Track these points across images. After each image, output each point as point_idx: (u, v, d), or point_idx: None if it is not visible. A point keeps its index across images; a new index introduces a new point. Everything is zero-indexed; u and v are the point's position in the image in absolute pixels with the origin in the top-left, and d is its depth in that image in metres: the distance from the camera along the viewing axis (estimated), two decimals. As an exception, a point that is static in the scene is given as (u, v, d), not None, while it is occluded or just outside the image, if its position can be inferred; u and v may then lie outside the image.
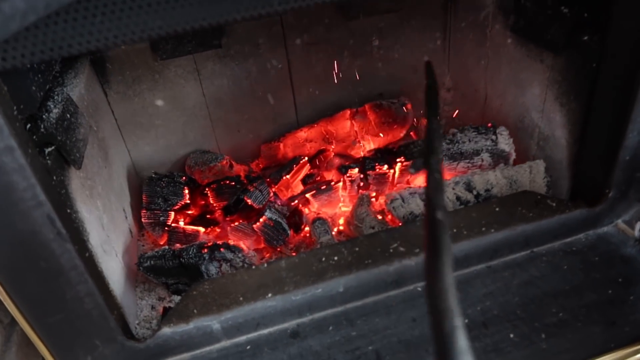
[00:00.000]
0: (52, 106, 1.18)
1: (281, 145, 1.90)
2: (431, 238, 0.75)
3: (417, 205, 1.45)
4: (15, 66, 0.78)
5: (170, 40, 1.66)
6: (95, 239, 1.22)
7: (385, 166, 1.60)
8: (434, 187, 0.88)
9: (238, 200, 1.54)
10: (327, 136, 1.90)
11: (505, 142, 1.63)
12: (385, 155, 1.71)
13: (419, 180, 1.69)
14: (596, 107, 1.31)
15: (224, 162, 1.82)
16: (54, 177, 1.06)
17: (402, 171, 1.65)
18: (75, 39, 0.78)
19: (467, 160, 1.61)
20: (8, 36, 0.74)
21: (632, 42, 1.14)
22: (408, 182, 1.66)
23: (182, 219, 1.65)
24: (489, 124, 1.77)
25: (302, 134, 1.90)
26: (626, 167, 1.28)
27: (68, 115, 1.21)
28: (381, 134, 1.90)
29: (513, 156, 1.66)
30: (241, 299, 1.21)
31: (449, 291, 0.66)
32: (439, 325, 0.61)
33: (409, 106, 1.95)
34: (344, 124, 1.92)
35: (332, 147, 1.88)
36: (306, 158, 1.75)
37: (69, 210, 1.09)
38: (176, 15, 0.81)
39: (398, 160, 1.64)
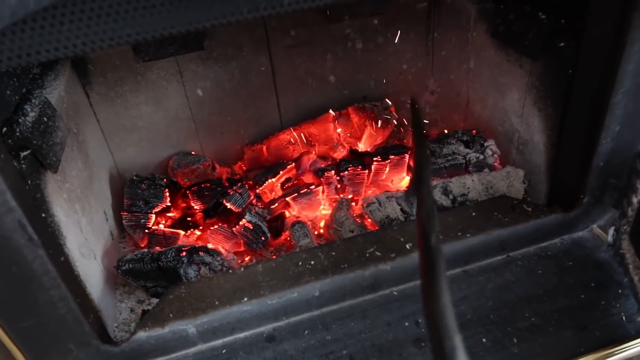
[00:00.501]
0: (28, 109, 1.18)
1: (264, 147, 1.90)
2: (427, 263, 0.79)
3: (393, 210, 1.46)
4: (-17, 73, 0.79)
5: (152, 43, 1.66)
6: (73, 242, 1.22)
7: (360, 167, 1.61)
8: (426, 214, 0.92)
9: (217, 204, 1.54)
10: (310, 139, 1.91)
11: (491, 156, 1.63)
12: (361, 156, 1.72)
13: (397, 181, 1.71)
14: (571, 113, 1.33)
15: (207, 164, 1.82)
16: (29, 182, 1.06)
17: (377, 172, 1.66)
18: (42, 46, 0.78)
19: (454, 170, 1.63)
20: (-26, 43, 0.75)
21: (604, 49, 1.16)
22: (384, 181, 1.67)
23: (163, 222, 1.65)
24: (474, 131, 1.78)
25: (285, 136, 1.90)
26: (600, 173, 1.30)
27: (45, 119, 1.21)
28: (364, 137, 1.92)
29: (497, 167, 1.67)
30: (217, 303, 1.21)
31: (447, 313, 0.69)
32: (439, 346, 0.64)
33: (392, 109, 1.96)
34: (327, 127, 1.93)
35: (315, 149, 1.88)
36: (293, 163, 1.76)
37: (43, 215, 1.09)
38: (145, 23, 0.81)
39: (373, 160, 1.65)
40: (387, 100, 2.00)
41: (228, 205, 1.54)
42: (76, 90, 1.62)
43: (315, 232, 1.60)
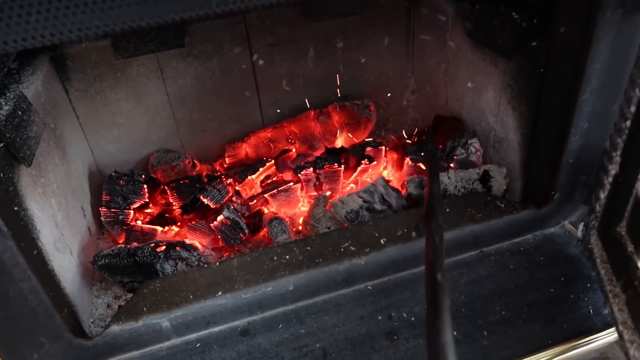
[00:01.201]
0: (2, 103, 1.18)
1: (245, 145, 1.91)
2: (432, 299, 0.82)
3: (354, 202, 1.48)
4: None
5: (131, 39, 1.66)
6: (47, 236, 1.22)
7: (336, 164, 1.62)
8: (434, 251, 0.94)
9: (195, 200, 1.54)
10: (290, 137, 1.92)
11: (474, 153, 1.65)
12: (337, 152, 1.74)
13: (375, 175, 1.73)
14: (543, 111, 1.35)
15: (187, 161, 1.83)
16: (1, 175, 1.06)
17: (351, 168, 1.68)
18: (9, 37, 0.79)
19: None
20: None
21: (573, 48, 1.18)
22: (362, 173, 1.69)
23: (142, 218, 1.65)
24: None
25: (266, 134, 1.91)
26: (570, 170, 1.32)
27: (20, 113, 1.21)
28: (343, 135, 1.93)
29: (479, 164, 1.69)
30: (191, 297, 1.22)
31: (449, 348, 0.73)
32: None
33: (372, 108, 1.98)
34: (308, 125, 1.94)
35: (295, 147, 1.89)
36: (273, 160, 1.77)
37: (15, 208, 1.09)
38: (113, 15, 0.82)
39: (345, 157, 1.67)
40: (367, 99, 2.02)
41: (205, 201, 1.54)
42: (55, 86, 1.61)
43: (294, 229, 1.61)
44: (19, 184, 1.14)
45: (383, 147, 1.69)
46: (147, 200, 1.63)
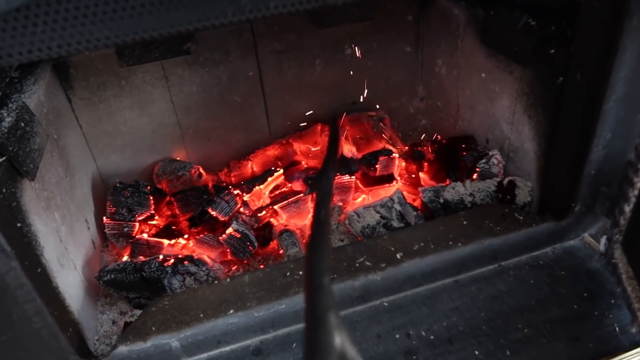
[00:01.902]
0: (4, 114, 1.14)
1: (250, 163, 1.86)
2: (314, 237, 0.76)
3: (371, 217, 1.43)
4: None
5: (136, 46, 1.62)
6: (51, 252, 1.17)
7: (347, 175, 1.58)
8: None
9: (203, 212, 1.50)
10: (297, 154, 1.87)
11: (496, 165, 1.61)
12: (349, 163, 1.69)
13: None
14: (562, 120, 1.31)
15: (193, 171, 1.78)
16: (3, 190, 1.02)
17: (363, 179, 1.64)
18: (15, 49, 0.74)
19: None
20: (-60, 45, 0.70)
21: (596, 56, 1.14)
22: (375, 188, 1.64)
23: (147, 230, 1.60)
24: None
25: (273, 152, 1.86)
26: (592, 181, 1.28)
27: (22, 124, 1.17)
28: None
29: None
30: (202, 315, 1.17)
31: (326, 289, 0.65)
32: None
33: (387, 121, 1.93)
34: (316, 140, 1.89)
35: (304, 161, 1.84)
36: (281, 170, 1.72)
37: (19, 224, 1.04)
38: (124, 26, 0.78)
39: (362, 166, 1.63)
40: (381, 110, 1.97)
41: (214, 213, 1.49)
42: (57, 95, 1.57)
43: (304, 241, 1.57)
44: (22, 199, 1.10)
45: (396, 156, 1.65)
46: (153, 212, 1.58)
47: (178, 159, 1.89)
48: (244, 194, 1.61)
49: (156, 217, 1.62)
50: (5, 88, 1.26)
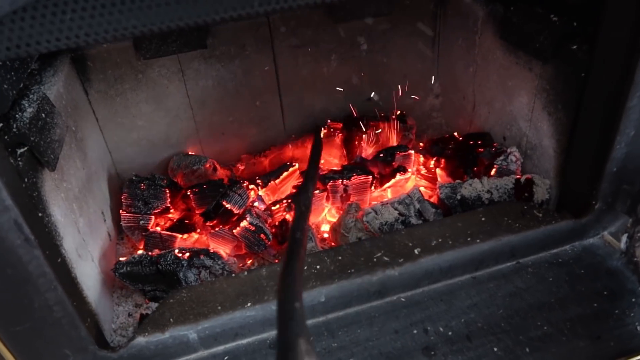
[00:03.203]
0: (26, 105, 1.14)
1: (264, 160, 1.85)
2: (289, 255, 0.75)
3: (389, 214, 1.42)
4: (-20, 63, 0.74)
5: (154, 40, 1.62)
6: (70, 243, 1.18)
7: (364, 176, 1.57)
8: (299, 214, 0.88)
9: (217, 205, 1.49)
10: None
11: (514, 162, 1.59)
12: (365, 162, 1.68)
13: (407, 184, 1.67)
14: (583, 117, 1.30)
15: (208, 165, 1.78)
16: (26, 180, 1.02)
17: (380, 179, 1.63)
18: (43, 37, 0.74)
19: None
20: (-29, 32, 0.71)
21: (620, 53, 1.13)
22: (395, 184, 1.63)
23: (162, 224, 1.61)
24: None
25: (288, 153, 1.85)
26: (613, 179, 1.27)
27: (43, 115, 1.17)
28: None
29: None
30: (219, 308, 1.17)
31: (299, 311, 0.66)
32: None
33: (415, 130, 1.91)
34: (333, 142, 1.88)
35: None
36: (296, 165, 1.71)
37: (40, 214, 1.05)
38: (152, 15, 0.77)
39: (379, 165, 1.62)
40: (410, 118, 1.95)
41: (228, 206, 1.49)
42: (75, 87, 1.58)
43: (319, 237, 1.56)
44: (43, 189, 1.10)
45: (412, 152, 1.64)
46: (169, 205, 1.58)
47: (192, 153, 1.89)
48: (259, 189, 1.61)
49: (172, 211, 1.62)
50: (26, 79, 1.27)
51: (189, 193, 1.59)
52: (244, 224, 1.46)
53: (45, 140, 1.14)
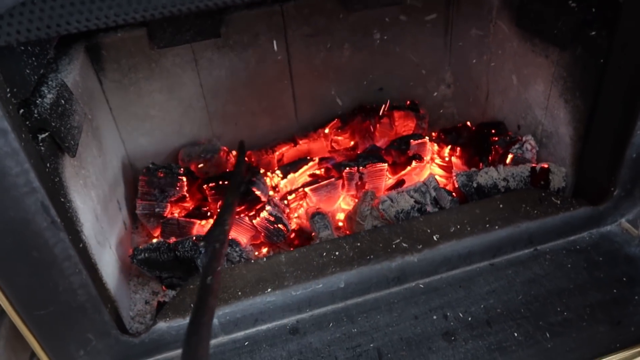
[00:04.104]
0: (46, 91, 1.14)
1: (277, 156, 1.84)
2: (199, 300, 0.74)
3: (405, 202, 1.42)
4: (10, 43, 0.74)
5: (168, 28, 1.61)
6: (89, 229, 1.18)
7: (379, 163, 1.56)
8: (211, 255, 0.86)
9: (247, 192, 1.49)
10: (331, 148, 1.86)
11: (529, 151, 1.59)
12: (378, 150, 1.68)
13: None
14: (602, 104, 1.29)
15: (221, 154, 1.78)
16: (48, 165, 1.02)
17: (394, 164, 1.63)
18: (73, 16, 0.74)
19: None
20: (3, 11, 0.70)
21: (641, 38, 1.12)
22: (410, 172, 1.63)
23: (177, 211, 1.61)
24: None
25: (304, 146, 1.85)
26: (632, 165, 1.26)
27: (62, 101, 1.17)
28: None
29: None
30: (239, 293, 1.18)
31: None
32: None
33: (427, 120, 1.91)
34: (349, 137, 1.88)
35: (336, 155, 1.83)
36: (316, 159, 1.71)
37: (62, 199, 1.05)
38: (181, -5, 0.78)
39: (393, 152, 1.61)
40: (423, 108, 1.96)
41: (257, 192, 1.49)
42: (90, 76, 1.58)
43: (334, 225, 1.56)
44: (64, 175, 1.11)
45: (427, 140, 1.64)
46: (185, 194, 1.58)
47: (202, 142, 1.88)
48: (280, 178, 1.61)
49: (187, 199, 1.62)
50: (45, 65, 1.27)
51: (205, 188, 1.59)
52: (264, 214, 1.45)
53: (65, 126, 1.14)
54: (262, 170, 1.65)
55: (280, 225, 1.45)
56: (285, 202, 1.55)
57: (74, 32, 0.76)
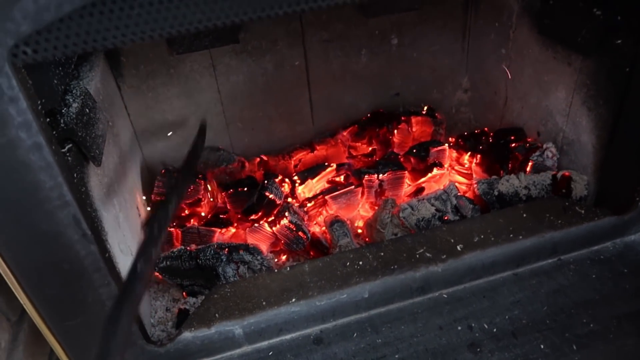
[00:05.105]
0: (71, 100, 1.14)
1: (293, 162, 1.84)
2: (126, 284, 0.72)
3: (427, 210, 1.42)
4: (46, 58, 0.74)
5: (187, 35, 1.61)
6: (113, 238, 1.18)
7: (399, 171, 1.56)
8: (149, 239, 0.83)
9: (261, 197, 1.49)
10: (349, 154, 1.86)
11: (550, 158, 1.58)
12: (396, 157, 1.67)
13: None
14: (628, 112, 1.28)
15: (236, 164, 1.78)
16: (75, 175, 1.02)
17: (413, 173, 1.62)
18: (110, 32, 0.74)
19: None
20: (42, 27, 0.70)
21: (671, 47, 1.11)
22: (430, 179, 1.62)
23: (202, 214, 1.61)
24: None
25: (322, 152, 1.84)
26: (658, 175, 1.25)
27: (87, 110, 1.17)
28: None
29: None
30: (264, 303, 1.17)
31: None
32: None
33: (444, 126, 1.90)
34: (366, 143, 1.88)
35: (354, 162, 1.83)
36: (334, 165, 1.71)
37: (89, 210, 1.05)
38: (217, 9, 0.77)
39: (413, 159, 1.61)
40: (438, 114, 1.95)
41: (270, 196, 1.49)
42: (110, 83, 1.58)
43: (353, 233, 1.56)
44: (89, 185, 1.11)
45: (446, 146, 1.63)
46: (201, 197, 1.58)
47: (222, 148, 1.88)
48: (297, 185, 1.61)
49: (203, 202, 1.62)
50: (71, 74, 1.27)
51: (224, 195, 1.59)
52: (284, 221, 1.45)
53: (91, 135, 1.14)
54: (279, 177, 1.65)
55: (300, 233, 1.45)
56: (305, 209, 1.54)
57: (110, 48, 0.76)
